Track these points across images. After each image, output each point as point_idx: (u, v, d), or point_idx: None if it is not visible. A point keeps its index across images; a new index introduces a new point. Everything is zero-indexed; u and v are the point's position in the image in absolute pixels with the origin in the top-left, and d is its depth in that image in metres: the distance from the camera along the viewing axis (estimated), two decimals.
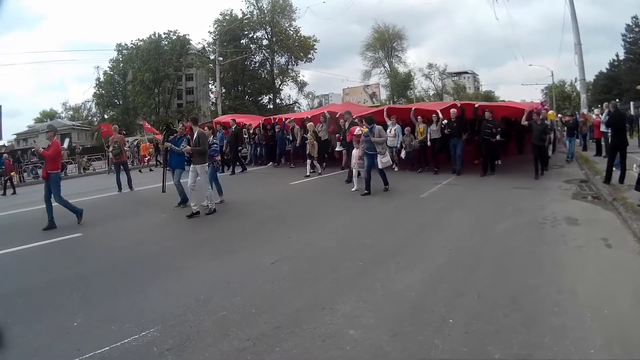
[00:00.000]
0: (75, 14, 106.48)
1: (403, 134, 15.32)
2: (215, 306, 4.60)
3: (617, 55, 60.74)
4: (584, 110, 23.03)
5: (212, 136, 11.02)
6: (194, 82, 66.75)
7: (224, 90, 53.47)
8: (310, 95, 63.33)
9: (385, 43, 64.78)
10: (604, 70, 62.52)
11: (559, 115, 21.48)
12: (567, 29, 25.45)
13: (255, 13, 57.68)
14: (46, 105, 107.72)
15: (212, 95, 60.66)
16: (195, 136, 9.37)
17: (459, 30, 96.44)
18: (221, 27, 54.77)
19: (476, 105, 14.60)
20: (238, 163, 18.21)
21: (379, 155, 10.77)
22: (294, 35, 58.31)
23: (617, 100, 30.95)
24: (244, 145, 21.19)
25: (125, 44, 59.53)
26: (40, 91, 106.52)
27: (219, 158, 11.23)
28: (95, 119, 64.64)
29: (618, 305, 4.13)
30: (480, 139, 13.71)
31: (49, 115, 75.73)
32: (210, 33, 56.76)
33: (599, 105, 21.43)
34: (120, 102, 61.39)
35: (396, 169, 15.42)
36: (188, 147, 9.43)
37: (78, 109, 71.02)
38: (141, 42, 58.15)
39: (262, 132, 20.93)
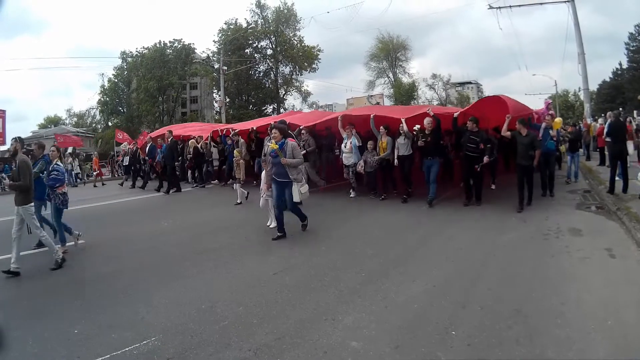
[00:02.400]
0: (80, 20, 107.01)
1: (366, 149, 12.10)
2: (218, 316, 4.60)
3: (620, 64, 60.89)
4: (588, 120, 22.93)
5: (57, 159, 7.82)
6: (198, 90, 67.00)
7: (228, 100, 53.53)
8: (314, 105, 63.25)
9: (390, 53, 64.85)
10: (607, 79, 62.59)
11: None
12: (570, 38, 25.43)
13: (259, 23, 57.92)
14: (51, 110, 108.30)
15: (216, 105, 60.71)
16: (15, 166, 6.93)
17: (462, 41, 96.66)
18: (226, 36, 54.92)
19: (455, 115, 11.05)
20: (173, 181, 16.31)
21: (294, 184, 7.87)
22: (298, 45, 58.48)
23: (620, 109, 30.92)
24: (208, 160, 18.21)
25: (130, 52, 59.92)
26: (45, 97, 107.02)
27: (63, 189, 7.75)
28: (99, 126, 64.77)
29: (622, 316, 4.11)
30: (462, 158, 10.76)
31: (53, 121, 76.00)
32: (215, 42, 56.89)
33: (603, 115, 21.33)
34: (125, 109, 61.51)
35: (352, 195, 12.54)
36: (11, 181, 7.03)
37: (82, 116, 71.17)
38: (146, 50, 58.46)
39: (209, 146, 17.93)
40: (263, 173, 8.88)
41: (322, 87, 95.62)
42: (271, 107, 59.98)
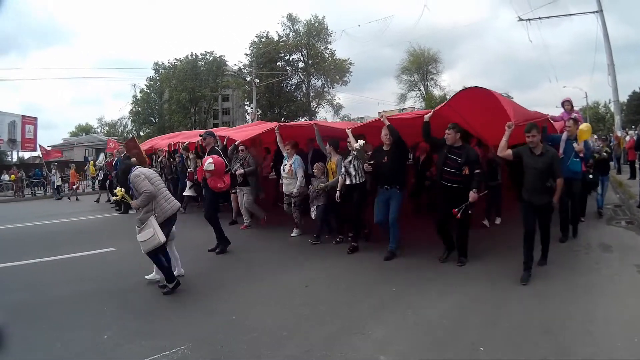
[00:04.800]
0: (112, 32, 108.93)
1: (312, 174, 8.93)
2: (247, 327, 4.64)
3: None
4: (618, 132, 22.39)
5: None
6: (230, 102, 67.67)
7: (259, 112, 53.96)
8: (346, 118, 63.27)
9: (421, 66, 64.47)
10: (637, 90, 61.26)
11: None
12: (599, 49, 24.84)
13: (291, 36, 58.48)
14: (81, 119, 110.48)
15: (248, 117, 61.23)
16: None
17: (491, 53, 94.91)
18: (257, 49, 55.54)
19: (426, 118, 6.75)
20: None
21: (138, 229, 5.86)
22: (330, 58, 58.74)
23: None
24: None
25: (163, 63, 60.85)
26: (76, 105, 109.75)
27: None
28: (130, 136, 65.78)
29: None
30: (438, 184, 6.80)
31: (85, 129, 77.63)
32: (247, 55, 57.63)
33: (633, 126, 20.83)
34: (157, 120, 62.41)
35: (294, 234, 9.35)
36: None
37: (114, 125, 72.45)
38: (178, 62, 59.33)
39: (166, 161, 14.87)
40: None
41: (353, 101, 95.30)
42: (303, 119, 60.27)
